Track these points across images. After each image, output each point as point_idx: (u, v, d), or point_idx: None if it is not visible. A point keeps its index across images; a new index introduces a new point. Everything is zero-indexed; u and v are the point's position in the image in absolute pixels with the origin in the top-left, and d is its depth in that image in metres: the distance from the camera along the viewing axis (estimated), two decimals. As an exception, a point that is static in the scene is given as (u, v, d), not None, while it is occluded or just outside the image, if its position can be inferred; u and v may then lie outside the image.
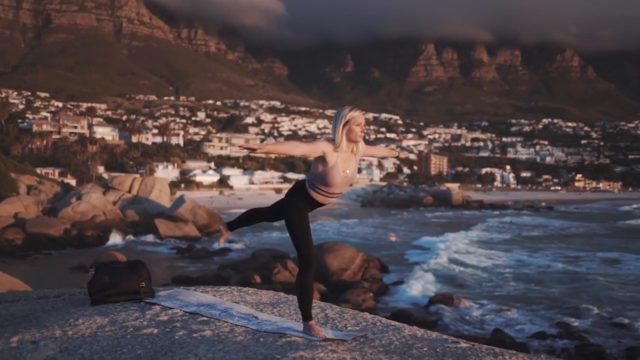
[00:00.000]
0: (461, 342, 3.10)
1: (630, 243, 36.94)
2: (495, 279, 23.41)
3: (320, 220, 51.96)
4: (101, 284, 3.65)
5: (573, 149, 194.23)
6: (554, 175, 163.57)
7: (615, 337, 15.82)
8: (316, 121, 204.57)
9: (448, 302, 18.54)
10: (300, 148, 3.05)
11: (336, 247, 22.91)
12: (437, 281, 22.68)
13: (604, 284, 22.45)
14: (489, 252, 31.09)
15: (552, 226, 51.03)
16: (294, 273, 20.90)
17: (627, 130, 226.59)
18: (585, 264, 27.31)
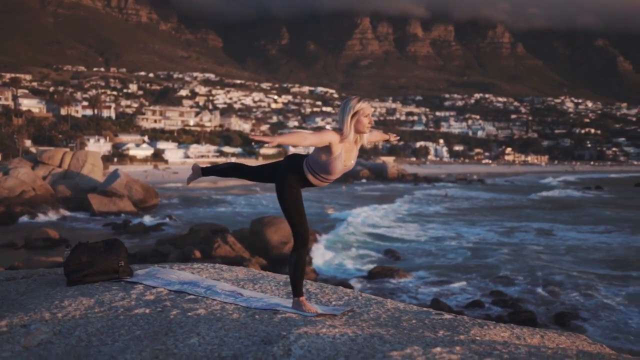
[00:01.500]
0: (444, 313, 3.15)
1: (557, 214, 38.51)
2: (433, 251, 23.99)
3: (258, 194, 51.82)
4: (78, 263, 3.53)
5: (503, 123, 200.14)
6: (485, 148, 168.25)
7: (545, 304, 16.49)
8: (252, 94, 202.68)
9: (388, 273, 18.90)
10: (308, 139, 3.02)
11: (276, 221, 22.89)
12: (374, 253, 23.04)
13: (535, 254, 23.34)
14: (425, 224, 31.77)
15: (482, 198, 52.53)
16: (235, 247, 20.82)
17: (553, 105, 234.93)
18: (519, 235, 28.30)
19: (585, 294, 17.03)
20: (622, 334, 13.68)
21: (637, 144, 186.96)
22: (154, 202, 38.57)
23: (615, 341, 12.94)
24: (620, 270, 20.28)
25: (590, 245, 25.76)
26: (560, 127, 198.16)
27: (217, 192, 54.27)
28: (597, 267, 20.76)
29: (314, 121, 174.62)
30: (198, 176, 3.67)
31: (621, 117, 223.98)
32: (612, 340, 12.99)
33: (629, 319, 14.68)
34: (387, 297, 16.53)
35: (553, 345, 2.58)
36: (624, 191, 66.65)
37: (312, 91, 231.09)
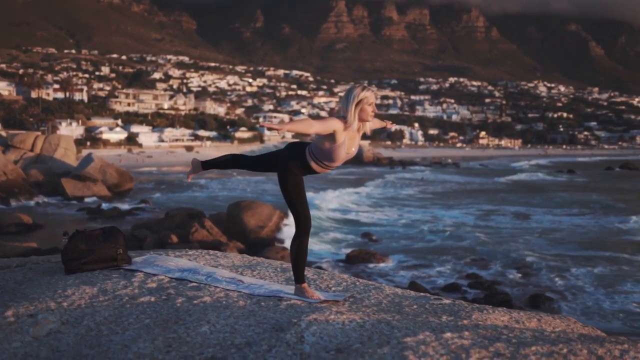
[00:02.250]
0: (443, 298, 3.19)
1: (531, 197, 39.00)
2: (410, 234, 24.16)
3: (233, 178, 51.61)
4: (76, 251, 3.50)
5: (477, 107, 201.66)
6: (459, 132, 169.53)
7: (520, 286, 16.73)
8: (226, 77, 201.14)
9: (366, 257, 18.99)
10: (314, 127, 3.03)
11: (253, 205, 22.83)
12: (350, 236, 23.14)
13: (510, 237, 23.65)
14: (402, 207, 31.95)
15: (457, 182, 52.97)
16: (212, 232, 20.73)
17: (527, 89, 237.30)
18: (495, 218, 28.63)
19: (558, 275, 17.32)
20: (594, 314, 13.96)
21: (608, 128, 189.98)
22: (129, 186, 38.19)
23: (590, 321, 13.20)
24: (592, 251, 20.68)
25: (564, 227, 26.18)
26: (534, 111, 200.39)
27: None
28: (570, 249, 21.11)
29: (289, 105, 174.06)
30: (198, 170, 3.67)
31: (593, 102, 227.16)
32: (587, 320, 13.24)
33: (598, 299, 14.98)
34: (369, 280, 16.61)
35: (550, 329, 2.63)
36: (595, 175, 67.76)
37: (287, 74, 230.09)
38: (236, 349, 2.36)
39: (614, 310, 14.15)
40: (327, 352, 2.21)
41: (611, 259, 19.26)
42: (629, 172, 76.38)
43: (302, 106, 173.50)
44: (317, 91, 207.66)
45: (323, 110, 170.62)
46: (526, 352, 2.09)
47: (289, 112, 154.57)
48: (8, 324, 2.61)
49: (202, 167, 3.66)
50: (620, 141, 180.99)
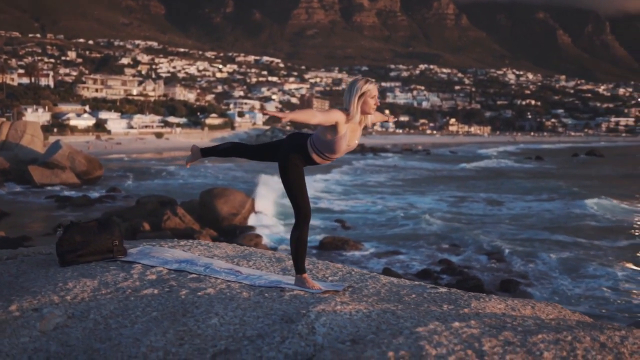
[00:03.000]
0: (439, 287, 3.22)
1: (501, 184, 39.51)
2: (383, 221, 24.28)
3: (203, 165, 51.24)
4: (72, 243, 3.46)
5: (447, 94, 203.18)
6: (429, 119, 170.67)
7: (490, 271, 16.95)
8: (196, 63, 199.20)
9: (339, 244, 19.04)
10: (317, 117, 3.04)
11: (226, 192, 22.67)
12: (323, 223, 23.17)
13: (481, 223, 23.94)
14: (374, 194, 32.11)
15: (428, 169, 53.38)
16: (185, 219, 20.55)
17: (496, 77, 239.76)
18: (468, 205, 28.93)
19: (527, 260, 17.59)
20: (562, 298, 14.20)
21: (575, 115, 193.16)
22: (98, 173, 37.63)
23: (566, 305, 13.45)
24: (558, 235, 21.05)
25: (533, 213, 26.60)
26: (502, 98, 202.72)
27: (161, 163, 53.40)
28: (539, 234, 21.45)
29: (259, 91, 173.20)
30: (197, 157, 3.64)
31: (560, 89, 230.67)
32: (566, 304, 13.49)
33: (564, 284, 15.25)
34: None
35: (544, 316, 2.67)
36: (562, 161, 68.96)
37: (258, 60, 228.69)
38: (248, 341, 2.37)
39: (580, 294, 14.42)
40: (343, 344, 2.22)
41: (577, 244, 19.65)
42: (595, 158, 78.01)
43: (273, 92, 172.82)
44: (288, 77, 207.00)
45: (294, 96, 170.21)
46: (534, 340, 2.13)
47: (259, 99, 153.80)
48: (14, 318, 2.59)
49: (201, 155, 3.63)
50: (586, 128, 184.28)
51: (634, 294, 14.12)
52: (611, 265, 16.69)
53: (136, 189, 33.69)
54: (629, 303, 13.45)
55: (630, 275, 15.84)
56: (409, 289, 3.23)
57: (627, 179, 45.36)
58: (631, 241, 20.17)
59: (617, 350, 2.10)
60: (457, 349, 2.03)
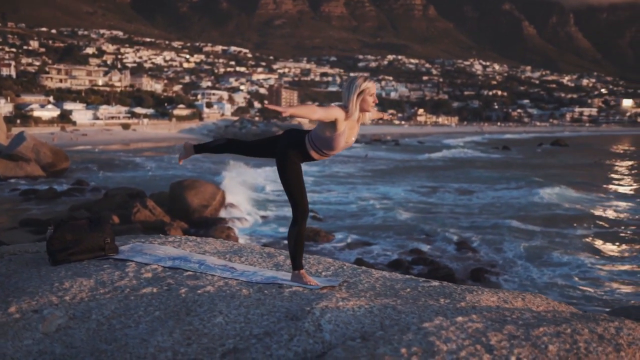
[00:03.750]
0: (431, 281, 3.24)
1: (471, 173, 39.95)
2: (355, 212, 24.36)
3: (166, 156, 50.74)
4: (63, 242, 3.41)
5: (415, 84, 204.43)
6: (398, 109, 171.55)
7: (460, 260, 17.15)
8: (162, 53, 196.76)
9: (311, 235, 19.03)
10: (317, 113, 3.07)
11: (196, 184, 22.45)
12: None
13: (451, 212, 24.20)
14: (344, 185, 32.18)
15: (398, 159, 53.66)
16: (155, 212, 20.30)
17: (463, 67, 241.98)
18: (440, 195, 29.18)
19: (495, 249, 17.85)
20: (530, 287, 14.44)
21: (540, 105, 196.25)
22: (64, 165, 36.94)
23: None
24: (523, 223, 21.39)
25: (500, 202, 26.97)
26: (470, 89, 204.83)
27: (129, 154, 52.71)
28: (506, 223, 21.74)
29: (227, 82, 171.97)
30: (190, 154, 3.61)
31: (525, 80, 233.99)
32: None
33: (531, 272, 15.51)
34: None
35: (535, 307, 2.73)
36: (528, 151, 70.11)
37: (226, 51, 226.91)
38: (256, 339, 2.37)
39: (546, 282, 14.68)
40: (353, 340, 2.23)
41: (540, 233, 20.02)
42: (560, 148, 79.63)
43: (241, 83, 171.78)
44: (256, 68, 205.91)
45: (262, 87, 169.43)
46: (536, 333, 2.17)
47: (227, 89, 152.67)
48: (14, 320, 2.56)
49: (194, 151, 3.60)
50: (551, 118, 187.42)
51: (597, 282, 14.45)
52: (573, 254, 17.06)
53: (103, 181, 33.20)
54: (594, 291, 13.75)
55: (592, 263, 16.20)
56: (402, 282, 3.25)
57: (589, 168, 46.35)
58: (591, 230, 20.61)
59: (615, 342, 2.15)
60: (466, 344, 2.06)
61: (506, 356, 1.99)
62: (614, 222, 22.40)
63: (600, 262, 16.37)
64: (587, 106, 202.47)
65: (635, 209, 25.44)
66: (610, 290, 13.83)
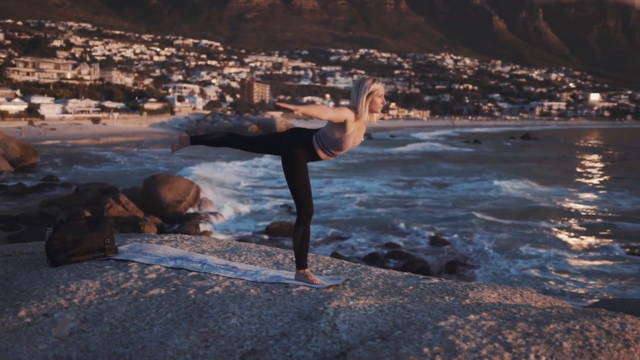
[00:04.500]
0: (431, 278, 3.29)
1: (444, 167, 40.25)
2: (329, 205, 24.39)
3: (145, 149, 50.19)
4: (63, 243, 3.35)
5: (387, 78, 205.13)
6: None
7: (435, 253, 17.30)
8: (132, 46, 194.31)
9: (286, 229, 18.99)
10: (328, 113, 3.08)
11: (170, 179, 22.28)
12: (269, 208, 23.11)
13: (425, 206, 24.37)
14: (320, 178, 32.16)
15: (370, 153, 53.82)
16: (128, 207, 20.06)
17: (434, 61, 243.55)
18: (415, 189, 29.36)
19: (468, 242, 18.04)
20: (504, 280, 14.61)
21: (510, 99, 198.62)
22: (33, 160, 36.30)
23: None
24: (496, 217, 21.66)
25: (474, 196, 27.28)
26: (441, 82, 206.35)
27: (99, 149, 52.02)
28: (478, 216, 21.98)
29: (199, 75, 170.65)
30: (185, 145, 3.54)
31: (496, 74, 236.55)
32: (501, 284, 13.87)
33: (503, 265, 15.72)
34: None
35: (533, 303, 2.78)
36: (499, 145, 71.00)
37: (197, 44, 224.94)
38: (274, 340, 2.37)
39: (520, 275, 14.89)
40: (373, 340, 2.23)
41: (513, 225, 20.29)
42: (530, 141, 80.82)
43: (213, 76, 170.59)
44: (228, 61, 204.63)
45: (234, 80, 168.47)
46: (547, 330, 2.21)
47: (199, 83, 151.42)
48: (26, 324, 2.51)
49: (190, 142, 3.54)
50: (521, 112, 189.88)
51: (568, 274, 14.70)
52: (543, 246, 17.35)
53: (74, 176, 32.72)
54: (566, 283, 13.98)
55: (561, 255, 16.49)
56: (403, 280, 3.27)
57: (558, 162, 47.09)
58: (560, 223, 20.96)
59: (622, 337, 2.19)
60: (485, 342, 2.08)
61: (525, 354, 2.02)
62: (582, 214, 22.83)
63: (568, 254, 16.68)
64: (556, 100, 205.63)
65: (604, 202, 25.94)
66: (581, 282, 14.10)
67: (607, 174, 38.31)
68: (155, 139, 68.30)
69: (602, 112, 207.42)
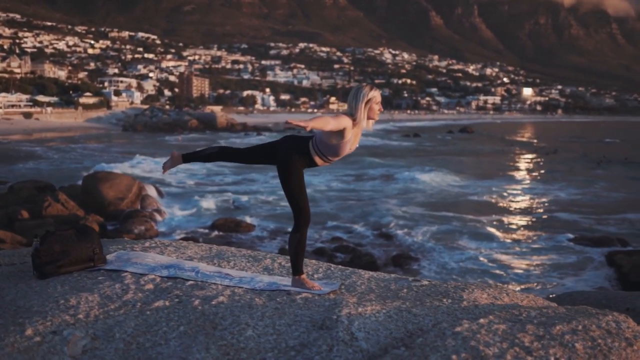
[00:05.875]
0: (421, 280, 3.29)
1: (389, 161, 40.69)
2: (273, 201, 24.27)
3: (81, 144, 48.75)
4: (51, 254, 3.24)
5: (327, 72, 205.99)
6: (310, 97, 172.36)
7: (380, 247, 17.50)
8: (65, 38, 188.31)
9: (232, 225, 18.84)
10: (330, 124, 3.09)
11: (111, 176, 21.71)
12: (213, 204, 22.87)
13: (370, 199, 24.60)
14: (267, 174, 31.98)
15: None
16: (67, 206, 19.42)
17: (373, 56, 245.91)
18: (360, 183, 29.56)
19: (412, 235, 18.30)
20: (448, 273, 14.90)
21: (447, 94, 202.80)
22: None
23: (449, 278, 14.13)
24: (437, 210, 22.08)
25: (414, 189, 27.71)
26: (380, 77, 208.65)
27: (32, 145, 50.26)
28: (418, 209, 22.37)
29: (135, 69, 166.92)
30: (178, 163, 3.50)
31: (433, 69, 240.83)
32: (446, 277, 14.15)
33: (444, 258, 16.02)
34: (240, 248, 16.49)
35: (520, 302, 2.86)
36: (438, 138, 72.47)
37: (133, 37, 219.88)
38: (295, 351, 2.35)
39: (462, 268, 15.21)
40: (397, 349, 2.24)
41: (453, 218, 20.72)
42: (467, 135, 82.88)
43: (150, 70, 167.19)
44: (165, 55, 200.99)
45: (172, 74, 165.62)
46: (555, 331, 2.26)
47: (136, 77, 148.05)
48: (37, 344, 2.41)
49: (182, 160, 3.49)
50: (458, 106, 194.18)
51: (507, 266, 15.11)
52: (481, 238, 17.79)
53: (5, 173, 31.43)
54: (507, 276, 14.36)
55: (499, 247, 16.97)
56: (394, 282, 3.29)
57: (495, 155, 48.42)
58: (496, 215, 21.50)
59: (623, 336, 2.26)
60: (505, 347, 2.12)
61: (546, 357, 2.07)
62: (522, 207, 23.52)
63: (505, 246, 17.16)
64: (491, 94, 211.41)
65: (542, 194, 26.81)
66: (522, 274, 14.52)
67: (542, 167, 39.62)
68: (92, 134, 66.46)
69: (535, 106, 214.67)
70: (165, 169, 3.55)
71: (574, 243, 17.25)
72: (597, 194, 27.03)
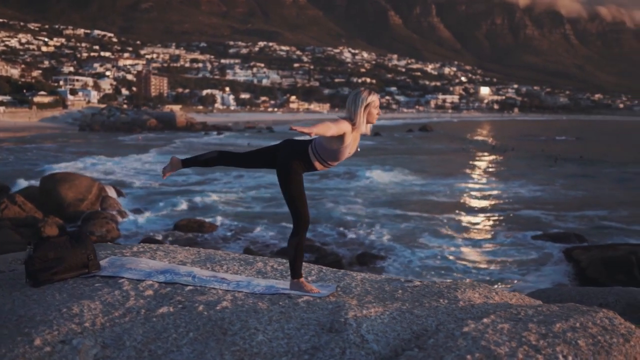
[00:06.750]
0: (414, 280, 3.31)
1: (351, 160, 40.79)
2: (233, 200, 24.15)
3: (36, 145, 47.59)
4: (45, 261, 3.17)
5: (287, 71, 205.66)
6: (270, 96, 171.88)
7: (344, 246, 17.57)
8: (17, 35, 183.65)
9: (194, 226, 18.65)
10: (331, 129, 3.13)
11: (70, 177, 21.25)
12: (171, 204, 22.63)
13: (332, 198, 24.66)
14: (230, 174, 31.79)
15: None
16: (25, 207, 18.95)
17: (333, 55, 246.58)
18: (324, 181, 29.58)
19: (375, 233, 18.45)
20: (413, 271, 15.06)
21: (407, 93, 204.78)
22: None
23: (415, 276, 14.27)
24: (398, 209, 22.30)
25: (375, 187, 27.93)
26: (340, 76, 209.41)
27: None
28: (381, 208, 22.55)
29: (91, 67, 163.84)
30: (178, 168, 3.50)
31: (392, 68, 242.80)
32: (414, 275, 14.29)
33: (408, 256, 16.20)
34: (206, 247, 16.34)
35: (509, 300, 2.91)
36: (398, 137, 73.18)
37: (89, 34, 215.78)
38: (308, 355, 2.36)
39: (426, 265, 15.39)
40: (411, 350, 2.26)
41: (414, 217, 20.95)
42: (427, 133, 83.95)
43: (107, 69, 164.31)
44: (122, 53, 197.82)
45: (130, 73, 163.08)
46: (556, 330, 2.31)
47: (92, 75, 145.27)
48: (47, 354, 2.38)
49: (182, 165, 3.51)
50: (417, 105, 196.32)
51: (471, 263, 15.34)
52: (442, 236, 18.05)
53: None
54: (472, 272, 14.57)
55: (460, 244, 17.23)
56: (388, 284, 3.32)
57: (455, 154, 49.15)
58: (457, 213, 21.82)
59: (618, 332, 2.32)
60: (514, 346, 2.16)
61: (554, 355, 2.11)
62: (479, 205, 23.89)
63: (466, 243, 17.43)
64: (449, 93, 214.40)
65: (503, 191, 27.29)
66: (484, 270, 14.76)
67: (501, 165, 40.32)
68: (47, 134, 64.93)
69: (492, 105, 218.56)
70: (164, 173, 3.54)
71: (534, 239, 17.61)
72: (556, 191, 27.67)
